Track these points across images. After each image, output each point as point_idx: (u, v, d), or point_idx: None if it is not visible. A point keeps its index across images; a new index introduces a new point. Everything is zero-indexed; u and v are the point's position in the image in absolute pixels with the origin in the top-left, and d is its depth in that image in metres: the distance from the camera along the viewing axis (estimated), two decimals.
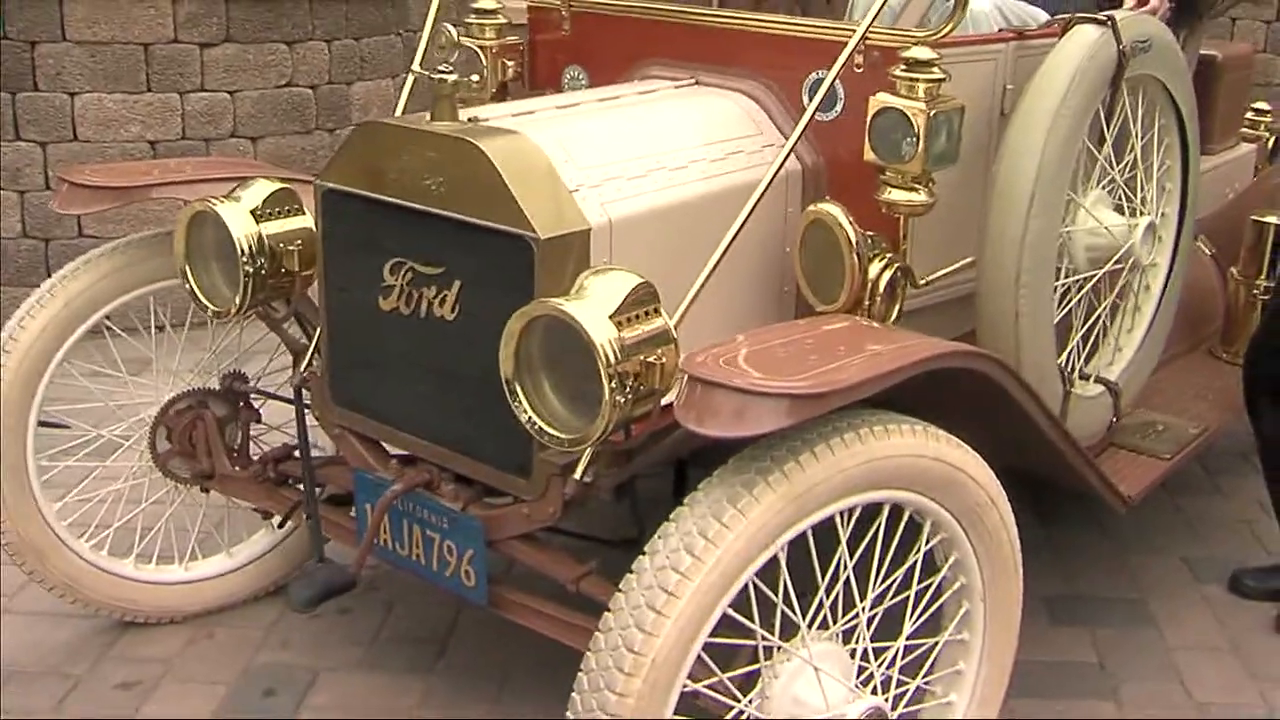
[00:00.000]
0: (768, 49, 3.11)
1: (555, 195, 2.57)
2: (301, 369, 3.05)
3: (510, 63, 3.46)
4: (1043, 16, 3.55)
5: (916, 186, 2.76)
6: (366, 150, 2.75)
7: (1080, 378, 3.31)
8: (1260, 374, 3.62)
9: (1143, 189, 3.25)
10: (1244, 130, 4.84)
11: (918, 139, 2.69)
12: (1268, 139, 4.89)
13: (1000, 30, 3.31)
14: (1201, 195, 4.33)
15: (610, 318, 2.30)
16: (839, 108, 2.99)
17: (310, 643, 3.42)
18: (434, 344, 2.69)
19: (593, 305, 2.32)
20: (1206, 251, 4.35)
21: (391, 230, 2.70)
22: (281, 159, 5.83)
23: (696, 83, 3.19)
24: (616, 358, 2.28)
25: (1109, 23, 2.97)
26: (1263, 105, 4.95)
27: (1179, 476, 4.05)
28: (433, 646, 3.42)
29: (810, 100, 2.97)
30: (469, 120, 2.71)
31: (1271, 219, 4.13)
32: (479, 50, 3.42)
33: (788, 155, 2.71)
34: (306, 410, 3.04)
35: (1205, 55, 4.50)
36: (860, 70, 2.92)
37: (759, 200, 2.64)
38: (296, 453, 3.13)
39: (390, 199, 2.68)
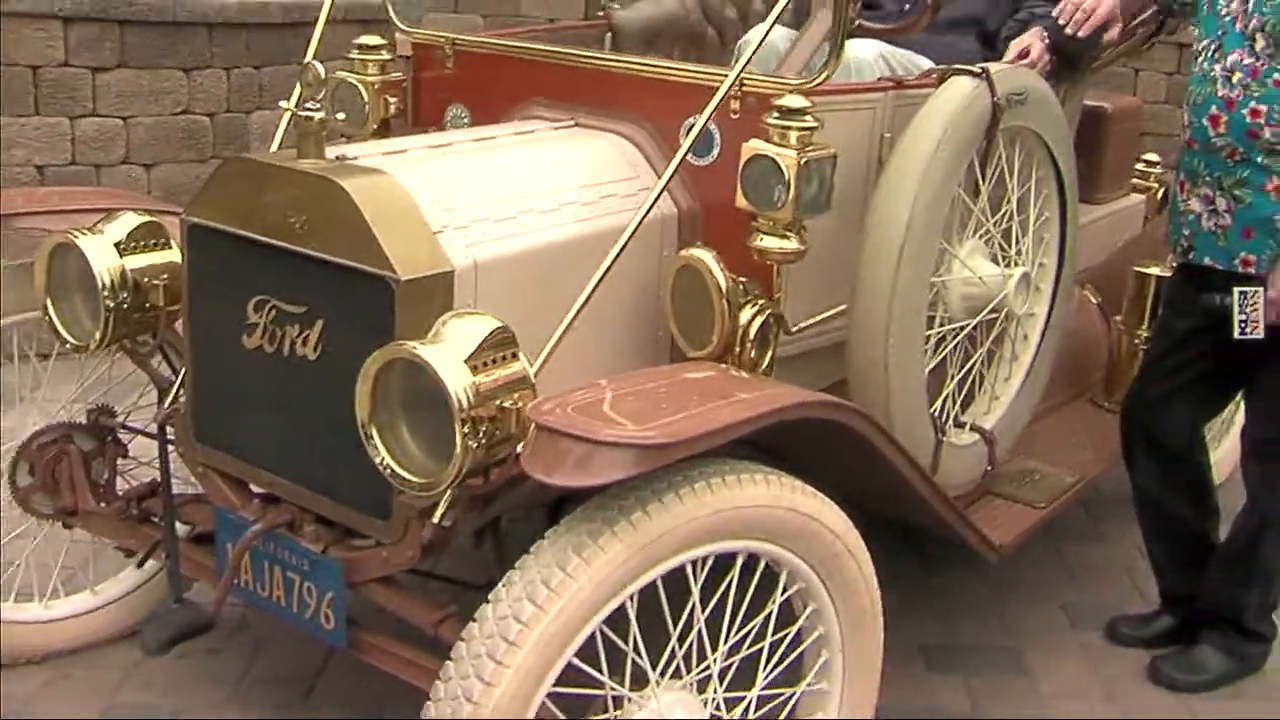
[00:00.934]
0: (647, 92, 3.11)
1: (418, 236, 2.55)
2: (166, 405, 3.00)
3: (393, 100, 3.43)
4: (927, 66, 3.58)
5: (788, 234, 2.76)
6: (233, 186, 2.71)
7: (955, 426, 3.32)
8: (1135, 424, 3.65)
9: (1019, 240, 3.28)
10: (1134, 180, 4.91)
11: (788, 187, 2.69)
12: (1157, 189, 4.95)
13: (882, 79, 3.33)
14: (1089, 244, 4.39)
15: (465, 362, 2.28)
16: (715, 152, 2.99)
17: (174, 683, 3.35)
18: (296, 383, 2.64)
19: (448, 349, 2.29)
20: (1093, 300, 4.40)
21: (256, 267, 2.66)
22: (176, 187, 5.75)
23: (576, 124, 3.18)
24: (470, 402, 2.26)
25: (983, 75, 3.00)
26: (1152, 156, 5.02)
27: (1063, 522, 4.09)
28: (300, 687, 3.36)
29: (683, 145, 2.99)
30: (336, 158, 2.68)
31: (1153, 270, 4.18)
32: (361, 86, 3.39)
33: (656, 199, 2.70)
34: (170, 447, 2.98)
35: (1095, 107, 4.56)
36: (737, 116, 2.92)
37: (626, 244, 2.63)
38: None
39: (255, 236, 2.64)
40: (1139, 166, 4.94)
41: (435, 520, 2.51)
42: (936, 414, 3.20)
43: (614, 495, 2.18)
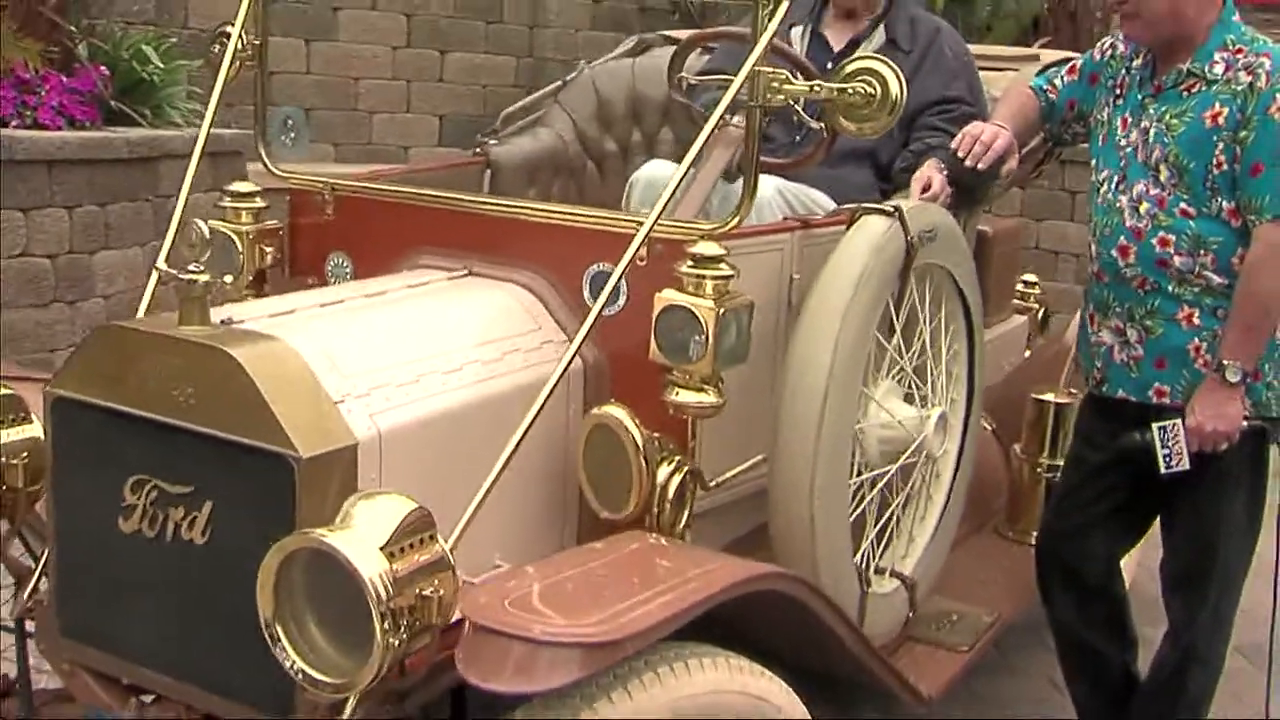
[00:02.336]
0: (545, 239, 2.96)
1: (318, 408, 2.34)
2: (26, 597, 2.72)
3: (269, 249, 3.22)
4: (824, 200, 3.50)
5: (705, 387, 2.62)
6: (105, 356, 2.47)
7: (875, 573, 3.18)
8: (1052, 558, 3.56)
9: (932, 377, 3.17)
10: (1015, 302, 4.90)
11: (706, 338, 2.55)
12: (1038, 310, 4.95)
13: (785, 218, 3.23)
14: None
15: (381, 549, 2.07)
16: (621, 301, 2.83)
17: None
18: (182, 571, 2.40)
19: (361, 536, 2.08)
20: (987, 427, 4.32)
21: (133, 445, 2.42)
22: (15, 335, 5.41)
23: (470, 273, 3.01)
24: (388, 593, 2.05)
25: (896, 213, 2.91)
26: (1031, 277, 5.03)
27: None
28: None
29: (591, 294, 2.85)
30: (222, 322, 2.47)
31: (1051, 396, 4.12)
32: (234, 236, 3.18)
33: (572, 359, 2.53)
34: (31, 642, 2.70)
35: (978, 230, 4.54)
36: (644, 263, 2.77)
37: (542, 406, 2.45)
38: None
39: (132, 410, 2.41)
40: (1019, 288, 4.93)
41: (345, 717, 2.28)
42: (858, 564, 3.06)
43: (558, 696, 1.98)
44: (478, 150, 4.03)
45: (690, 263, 2.59)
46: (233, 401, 2.28)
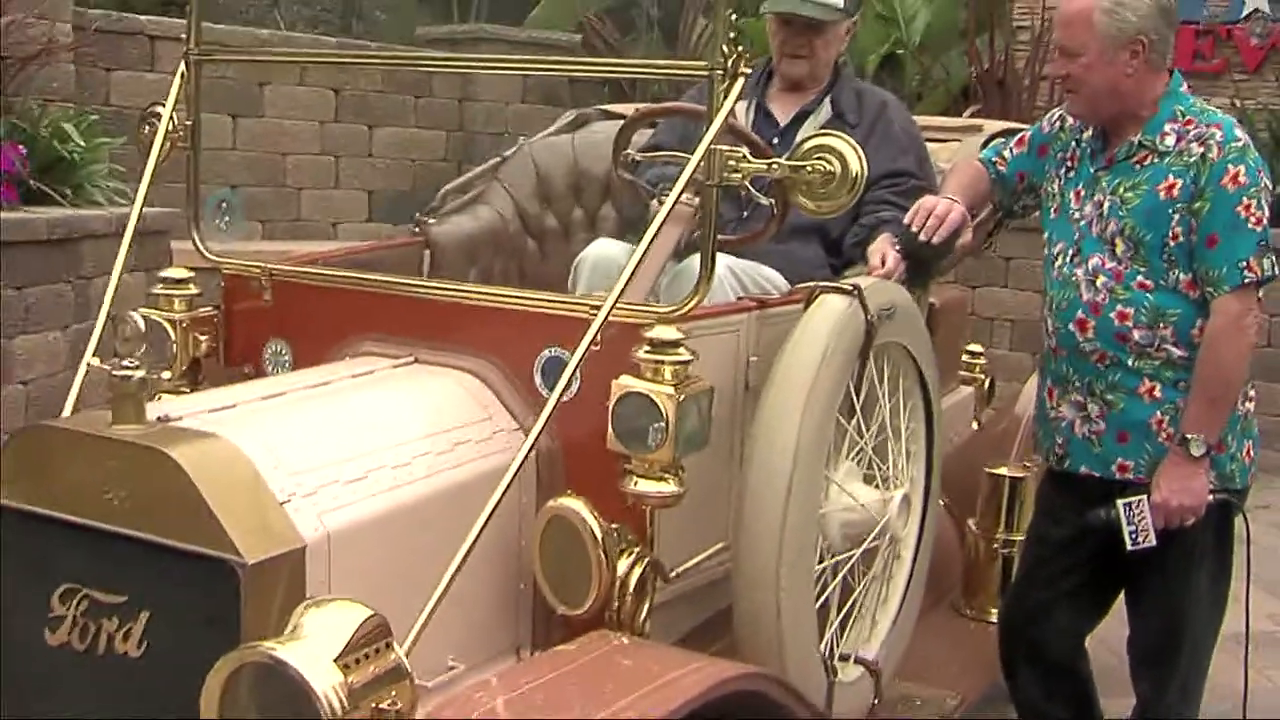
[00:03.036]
0: (493, 323, 2.85)
1: (263, 509, 2.22)
2: None
3: (203, 337, 3.09)
4: (776, 277, 3.42)
5: (665, 476, 2.52)
6: (31, 458, 2.34)
7: (839, 660, 3.08)
8: (1016, 636, 3.48)
9: (893, 457, 3.09)
10: (961, 373, 4.85)
11: (666, 426, 2.46)
12: (984, 380, 4.90)
13: (738, 297, 3.15)
14: None
15: (334, 661, 1.94)
16: (575, 387, 2.72)
17: None
18: (116, 687, 2.25)
19: (312, 648, 1.95)
20: (940, 502, 4.25)
21: (62, 552, 2.28)
22: None
23: (416, 361, 2.89)
24: (344, 708, 1.92)
25: (855, 292, 2.83)
26: (976, 347, 4.98)
27: None
28: None
29: (543, 380, 2.76)
30: (158, 419, 2.34)
31: (1004, 470, 4.06)
32: (167, 325, 3.05)
33: (530, 450, 2.43)
34: None
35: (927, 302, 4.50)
36: (598, 347, 2.67)
37: (500, 500, 2.34)
38: None
39: (61, 515, 2.27)
40: (965, 358, 4.88)
41: None
42: (824, 653, 2.96)
43: None
44: (416, 230, 3.92)
45: (647, 347, 2.50)
46: (171, 505, 2.16)
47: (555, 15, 9.36)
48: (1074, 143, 3.34)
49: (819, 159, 2.57)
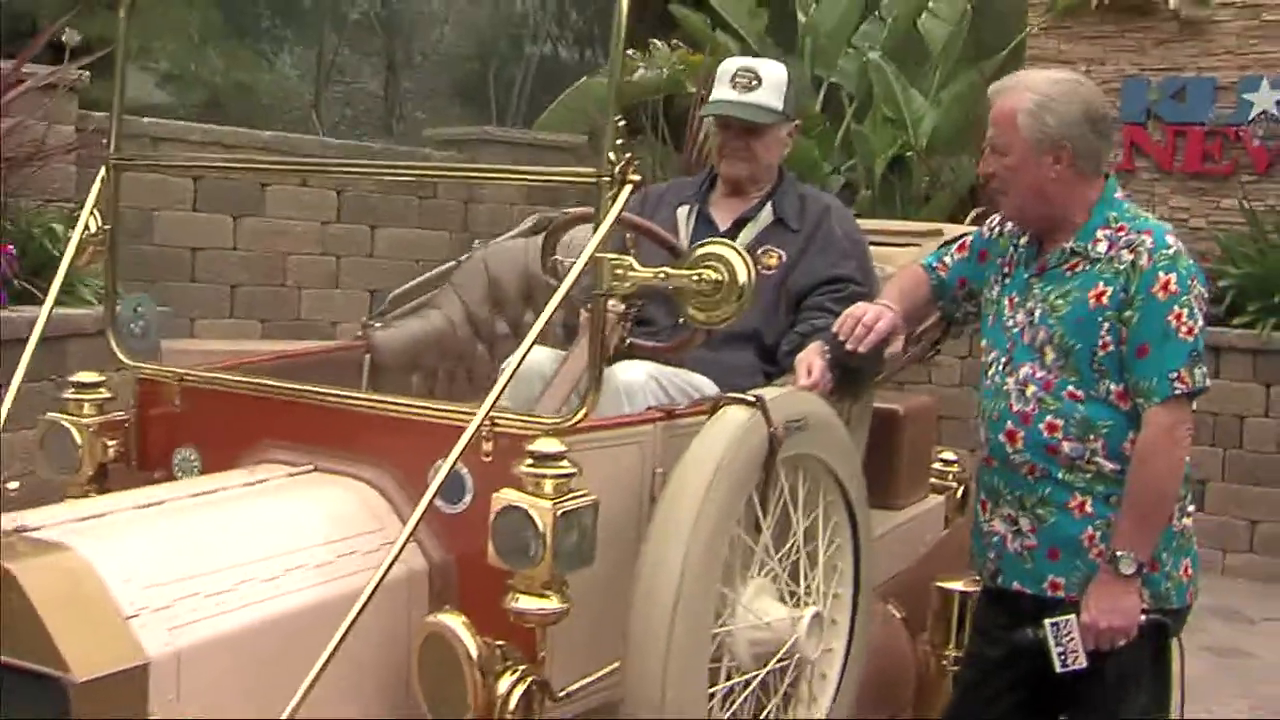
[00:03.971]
0: (391, 433, 2.79)
1: (104, 624, 2.15)
2: None
3: (111, 443, 3.05)
4: (706, 385, 3.35)
5: (547, 593, 2.44)
6: None
7: None
8: None
9: (807, 575, 2.99)
10: (933, 481, 4.73)
11: (544, 541, 2.38)
12: (956, 489, 4.79)
13: (655, 406, 3.08)
14: (889, 554, 4.15)
15: None
16: (468, 499, 2.66)
17: None
18: None
19: None
20: (897, 615, 4.13)
21: None
22: None
23: (315, 469, 2.84)
24: None
25: (758, 403, 2.76)
26: (950, 455, 4.87)
27: None
28: None
29: (439, 492, 2.68)
30: (14, 530, 2.29)
31: (956, 585, 3.94)
32: (74, 430, 3.01)
33: (393, 562, 2.36)
34: None
35: (886, 409, 4.40)
36: (489, 459, 2.62)
37: (356, 617, 2.27)
38: None
39: None
40: (937, 466, 4.78)
41: None
42: None
43: None
44: (359, 334, 3.89)
45: (529, 461, 2.44)
46: (7, 619, 2.10)
47: (566, 119, 9.42)
48: (1012, 248, 3.27)
49: (707, 267, 2.51)
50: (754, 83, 3.65)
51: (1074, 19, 9.44)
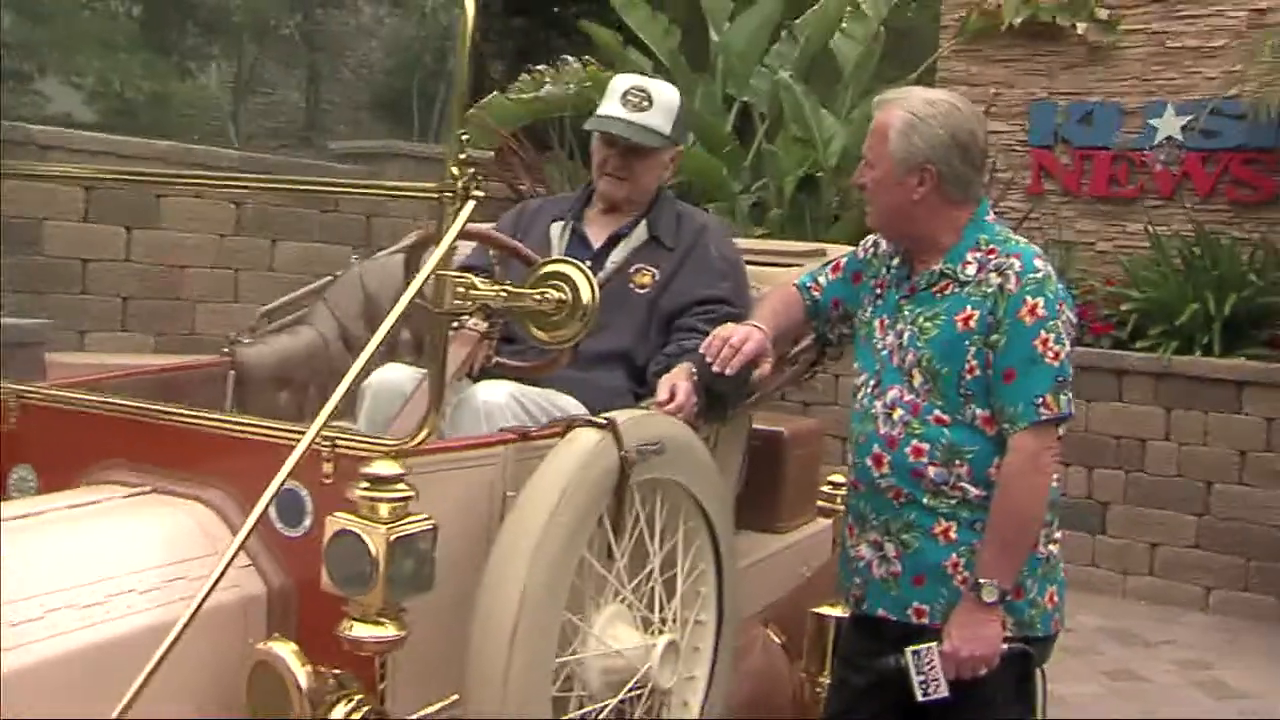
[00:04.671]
0: (232, 453, 2.70)
1: None
2: None
3: None
4: (573, 406, 3.27)
5: (383, 620, 2.35)
6: None
7: None
8: None
9: (662, 602, 2.92)
10: (821, 504, 4.67)
11: (377, 567, 2.30)
12: (845, 513, 4.72)
13: (512, 427, 3.00)
14: (770, 579, 4.10)
15: None
16: (308, 523, 2.58)
17: None
18: None
19: None
20: (776, 640, 4.06)
21: None
22: None
23: (154, 490, 2.73)
24: None
25: (609, 426, 2.68)
26: (839, 478, 4.80)
27: None
28: None
29: (279, 515, 2.62)
30: None
31: (833, 611, 3.87)
32: None
33: (211, 588, 2.26)
34: None
35: (770, 431, 4.36)
36: (330, 481, 2.53)
37: (171, 645, 2.17)
38: None
39: None
40: (825, 489, 4.71)
41: None
42: None
43: None
44: (226, 350, 3.78)
45: (364, 484, 2.35)
46: None
47: (478, 135, 9.31)
48: (885, 269, 3.22)
49: (550, 286, 2.44)
50: (645, 103, 3.58)
51: (984, 42, 9.48)
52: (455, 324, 3.11)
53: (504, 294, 2.46)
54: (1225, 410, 7.63)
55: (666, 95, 3.62)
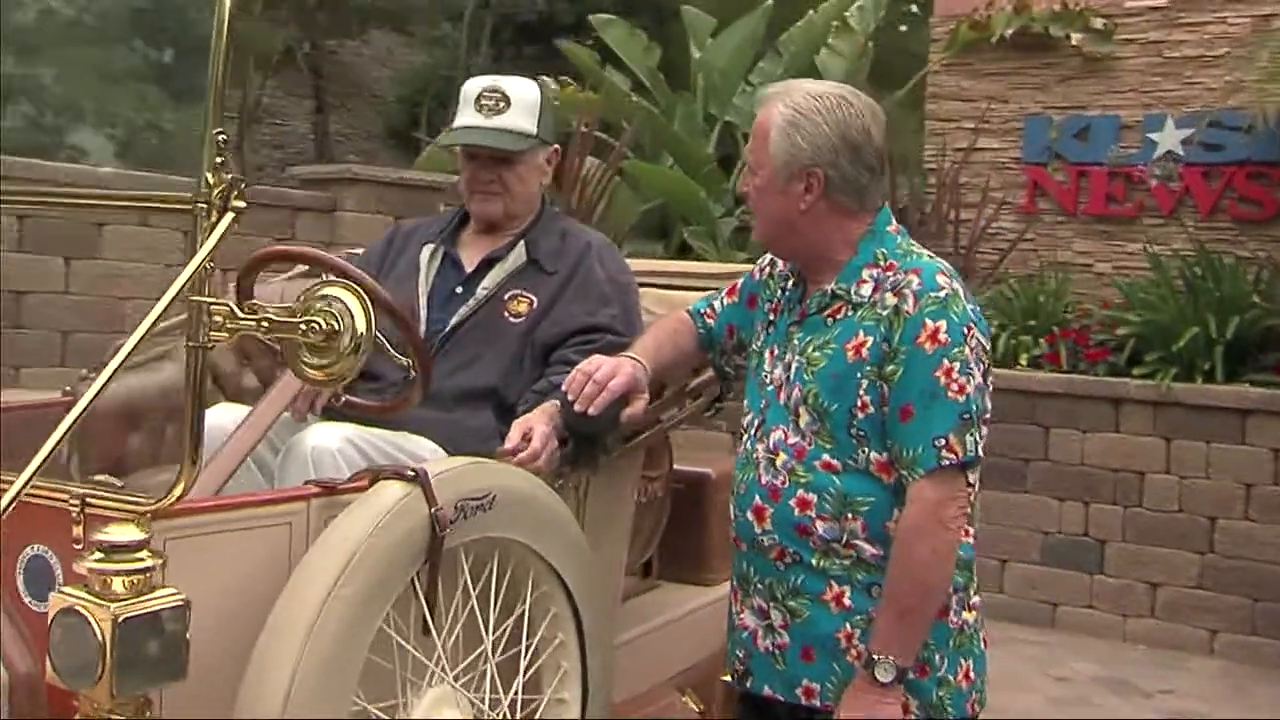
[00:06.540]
0: None
1: None
2: None
3: None
4: (430, 450, 2.87)
5: (114, 717, 1.96)
6: None
7: None
8: None
9: (500, 682, 2.51)
10: None
11: (104, 654, 1.91)
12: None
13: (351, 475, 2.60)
14: (691, 638, 3.72)
15: None
16: None
17: None
18: None
19: None
20: (694, 709, 3.65)
21: None
22: None
23: None
24: None
25: (418, 477, 2.28)
26: None
27: None
28: None
29: (27, 586, 2.24)
30: None
31: None
32: None
33: None
34: None
35: (697, 473, 3.98)
36: (80, 547, 2.14)
37: None
38: None
39: None
40: None
41: None
42: None
43: None
44: (67, 390, 3.41)
45: (97, 554, 1.96)
46: None
47: (449, 159, 8.96)
48: (780, 291, 2.80)
49: (321, 314, 2.05)
50: (502, 104, 3.20)
51: (975, 55, 9.09)
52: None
53: (265, 323, 2.07)
54: (1229, 441, 7.16)
55: (524, 91, 3.23)
